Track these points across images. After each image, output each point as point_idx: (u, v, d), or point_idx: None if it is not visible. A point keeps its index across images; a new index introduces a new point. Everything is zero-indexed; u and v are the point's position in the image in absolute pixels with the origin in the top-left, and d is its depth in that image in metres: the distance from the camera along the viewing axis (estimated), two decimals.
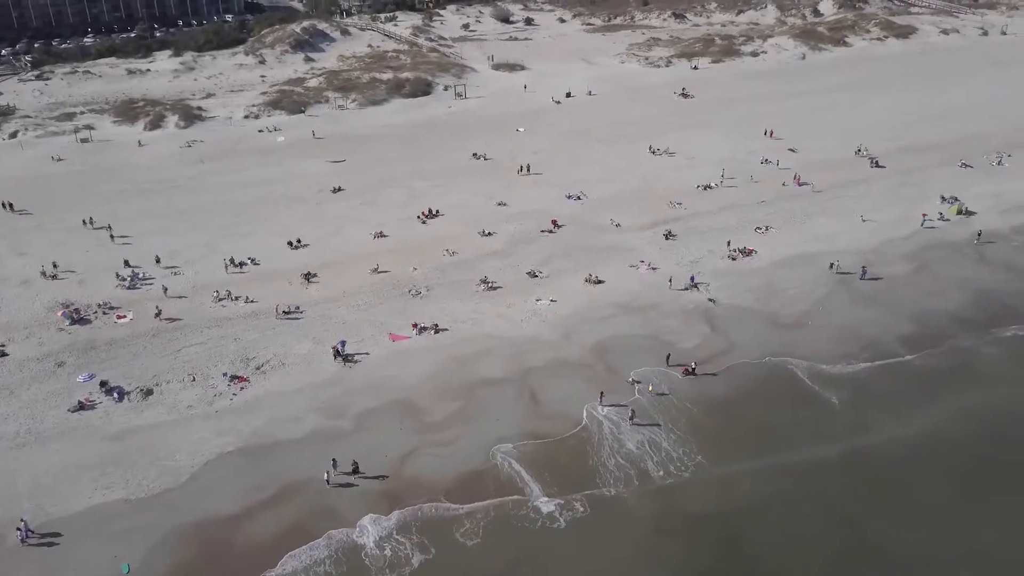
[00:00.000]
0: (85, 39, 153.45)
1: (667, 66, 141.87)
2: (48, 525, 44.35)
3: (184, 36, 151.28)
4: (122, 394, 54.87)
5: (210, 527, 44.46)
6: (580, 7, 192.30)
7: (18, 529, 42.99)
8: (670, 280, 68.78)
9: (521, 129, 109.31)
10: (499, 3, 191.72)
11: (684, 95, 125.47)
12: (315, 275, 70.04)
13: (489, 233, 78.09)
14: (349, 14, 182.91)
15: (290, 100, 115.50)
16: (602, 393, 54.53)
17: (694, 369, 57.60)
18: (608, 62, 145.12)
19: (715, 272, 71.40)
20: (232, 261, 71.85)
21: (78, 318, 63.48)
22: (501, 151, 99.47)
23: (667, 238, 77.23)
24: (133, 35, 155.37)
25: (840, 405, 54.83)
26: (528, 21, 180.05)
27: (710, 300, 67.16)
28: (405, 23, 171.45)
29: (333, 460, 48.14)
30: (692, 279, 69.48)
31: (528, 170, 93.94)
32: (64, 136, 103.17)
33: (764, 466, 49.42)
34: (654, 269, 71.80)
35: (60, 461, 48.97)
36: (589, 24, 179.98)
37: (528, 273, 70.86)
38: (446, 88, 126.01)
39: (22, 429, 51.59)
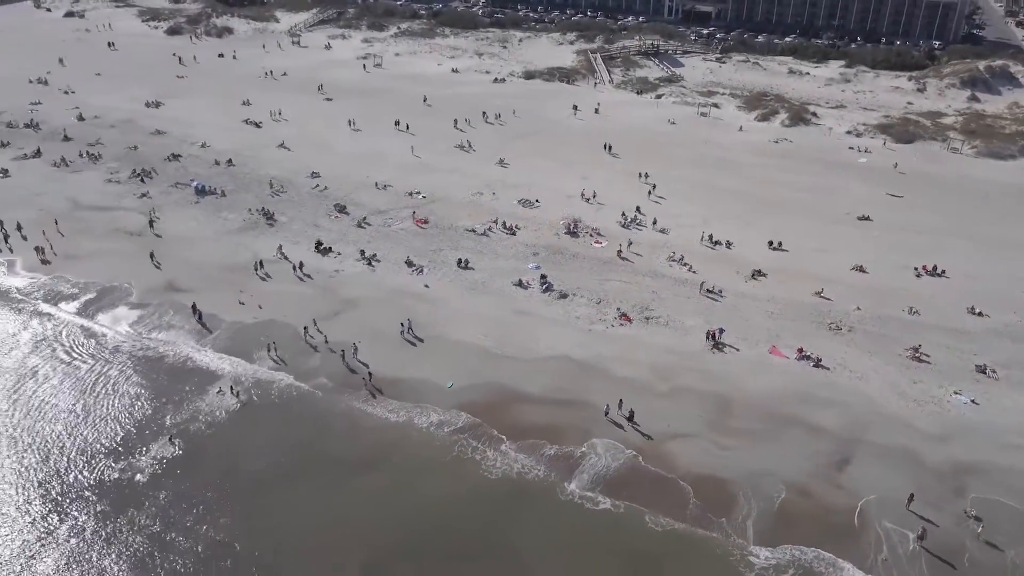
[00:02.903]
0: (784, 38, 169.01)
1: None
2: (427, 336, 62.59)
3: (863, 51, 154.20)
4: (549, 289, 69.64)
5: (512, 394, 56.35)
6: None
7: (401, 324, 62.92)
8: None
9: None
10: None
11: None
12: (764, 275, 72.54)
13: (980, 313, 67.34)
14: None
15: (903, 130, 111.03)
16: (912, 495, 46.60)
17: None
18: None
19: None
20: (710, 238, 79.09)
21: (572, 230, 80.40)
22: None
23: None
24: (823, 42, 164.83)
25: None
26: None
27: None
28: None
29: (620, 400, 54.31)
30: None
31: None
32: (689, 107, 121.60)
33: None
34: None
35: (490, 310, 66.59)
36: None
37: (978, 366, 60.16)
38: None
39: (480, 282, 71.09)
